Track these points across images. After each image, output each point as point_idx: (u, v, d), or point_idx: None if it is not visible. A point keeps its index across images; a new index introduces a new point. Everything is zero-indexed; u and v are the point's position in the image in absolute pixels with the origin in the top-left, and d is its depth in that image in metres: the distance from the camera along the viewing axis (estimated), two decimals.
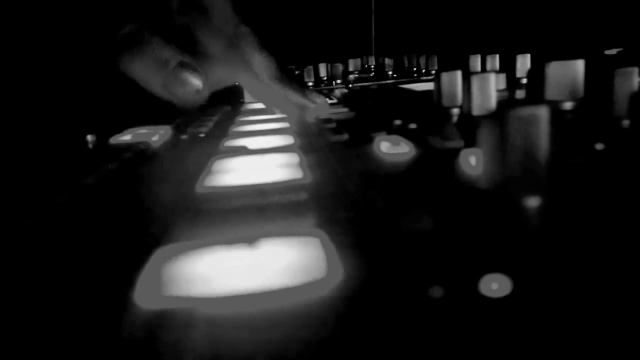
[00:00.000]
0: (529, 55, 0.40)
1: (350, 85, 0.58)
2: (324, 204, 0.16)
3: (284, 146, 0.25)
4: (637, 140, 0.17)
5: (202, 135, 0.29)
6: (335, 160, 0.21)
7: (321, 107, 0.34)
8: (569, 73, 0.24)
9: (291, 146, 0.25)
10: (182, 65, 0.29)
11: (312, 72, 0.60)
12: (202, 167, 0.22)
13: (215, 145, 0.27)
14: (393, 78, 0.63)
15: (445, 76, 0.27)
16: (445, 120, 0.27)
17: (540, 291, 0.10)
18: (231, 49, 0.35)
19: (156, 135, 0.30)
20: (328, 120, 0.30)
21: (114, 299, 0.11)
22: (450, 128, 0.25)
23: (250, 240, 0.13)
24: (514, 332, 0.09)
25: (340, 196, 0.16)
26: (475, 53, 0.48)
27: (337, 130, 0.27)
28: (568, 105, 0.24)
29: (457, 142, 0.22)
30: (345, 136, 0.26)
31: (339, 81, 0.59)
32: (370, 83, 0.60)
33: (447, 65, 0.33)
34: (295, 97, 0.34)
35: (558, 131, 0.13)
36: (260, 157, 0.23)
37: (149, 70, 0.30)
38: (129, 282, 0.11)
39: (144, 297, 0.11)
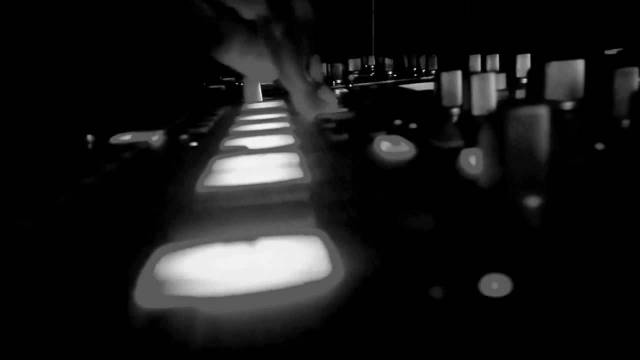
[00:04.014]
0: (529, 55, 0.40)
1: (350, 85, 0.58)
2: (324, 204, 0.16)
3: (284, 146, 0.25)
4: (637, 140, 0.17)
5: (194, 144, 0.28)
6: (336, 160, 0.21)
7: (328, 107, 0.34)
8: (569, 73, 0.24)
9: (291, 146, 0.25)
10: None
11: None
12: (202, 167, 0.22)
13: (215, 145, 0.27)
14: (393, 78, 0.63)
15: (445, 76, 0.27)
16: (445, 120, 0.27)
17: (540, 291, 0.10)
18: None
19: (156, 136, 0.30)
20: (328, 120, 0.30)
21: (114, 299, 0.11)
22: (450, 128, 0.25)
23: (250, 240, 0.13)
24: (514, 332, 0.09)
25: (340, 196, 0.16)
26: (475, 53, 0.48)
27: (337, 130, 0.27)
28: (568, 105, 0.24)
29: (457, 142, 0.22)
30: (345, 136, 0.26)
31: (339, 81, 0.59)
32: (370, 83, 0.60)
33: (447, 65, 0.33)
34: (304, 85, 0.34)
35: (558, 131, 0.13)
36: (260, 157, 0.23)
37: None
38: (129, 281, 0.11)
39: (144, 297, 0.11)
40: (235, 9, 0.37)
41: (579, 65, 0.24)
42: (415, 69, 0.68)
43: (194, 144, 0.28)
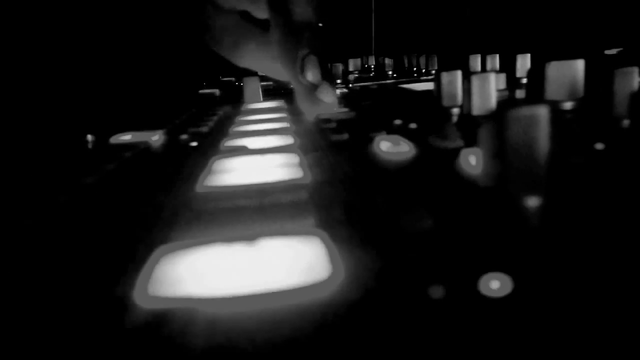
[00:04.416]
0: (529, 55, 0.40)
1: (350, 85, 0.58)
2: (324, 204, 0.16)
3: (284, 146, 0.25)
4: (637, 140, 0.17)
5: (194, 144, 0.28)
6: (335, 160, 0.21)
7: (326, 107, 0.34)
8: (569, 73, 0.24)
9: (291, 146, 0.25)
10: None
11: None
12: (202, 167, 0.22)
13: (215, 145, 0.27)
14: (393, 78, 0.63)
15: (445, 76, 0.27)
16: (445, 120, 0.27)
17: (540, 291, 0.10)
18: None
19: (156, 136, 0.30)
20: (328, 120, 0.30)
21: (114, 299, 0.11)
22: (450, 128, 0.25)
23: (250, 240, 0.13)
24: (514, 332, 0.09)
25: (340, 196, 0.16)
26: (475, 53, 0.48)
27: (337, 130, 0.27)
28: (568, 105, 0.24)
29: (457, 142, 0.22)
30: (345, 136, 0.26)
31: (339, 81, 0.59)
32: (370, 83, 0.60)
33: (447, 65, 0.33)
34: (306, 81, 0.33)
35: (558, 131, 0.13)
36: (260, 157, 0.23)
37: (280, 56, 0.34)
38: (129, 282, 0.11)
39: (143, 297, 0.11)
40: (249, 11, 0.38)
41: (579, 65, 0.24)
42: (415, 69, 0.68)
43: (194, 143, 0.28)
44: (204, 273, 0.12)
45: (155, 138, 0.29)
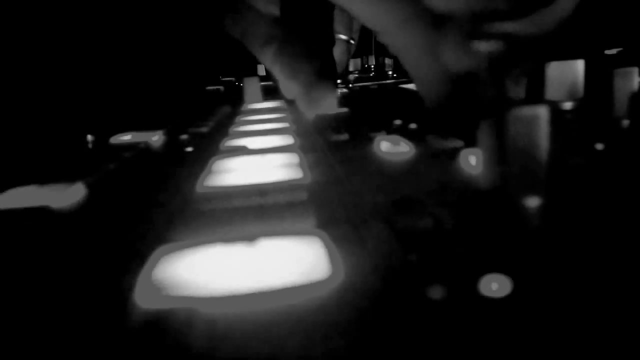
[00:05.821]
0: None
1: (350, 85, 0.58)
2: (324, 204, 0.16)
3: (284, 146, 0.25)
4: (637, 140, 0.17)
5: (190, 149, 0.28)
6: (335, 160, 0.21)
7: (324, 107, 0.33)
8: (569, 73, 0.24)
9: (291, 146, 0.25)
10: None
11: None
12: (202, 167, 0.22)
13: (215, 145, 0.27)
14: (393, 78, 0.63)
15: None
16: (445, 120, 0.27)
17: (540, 291, 0.10)
18: None
19: (156, 136, 0.30)
20: (328, 120, 0.30)
21: (114, 299, 0.11)
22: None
23: (250, 240, 0.13)
24: (514, 332, 0.09)
25: (340, 196, 0.16)
26: None
27: (337, 130, 0.27)
28: (568, 105, 0.24)
29: (457, 142, 0.22)
30: (345, 136, 0.26)
31: (339, 81, 0.59)
32: (370, 83, 0.60)
33: None
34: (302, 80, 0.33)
35: (558, 131, 0.13)
36: (260, 157, 0.23)
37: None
38: (129, 282, 0.11)
39: (144, 297, 0.11)
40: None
41: (579, 65, 0.24)
42: None
43: (190, 149, 0.28)
44: (203, 273, 0.12)
45: (155, 138, 0.29)
